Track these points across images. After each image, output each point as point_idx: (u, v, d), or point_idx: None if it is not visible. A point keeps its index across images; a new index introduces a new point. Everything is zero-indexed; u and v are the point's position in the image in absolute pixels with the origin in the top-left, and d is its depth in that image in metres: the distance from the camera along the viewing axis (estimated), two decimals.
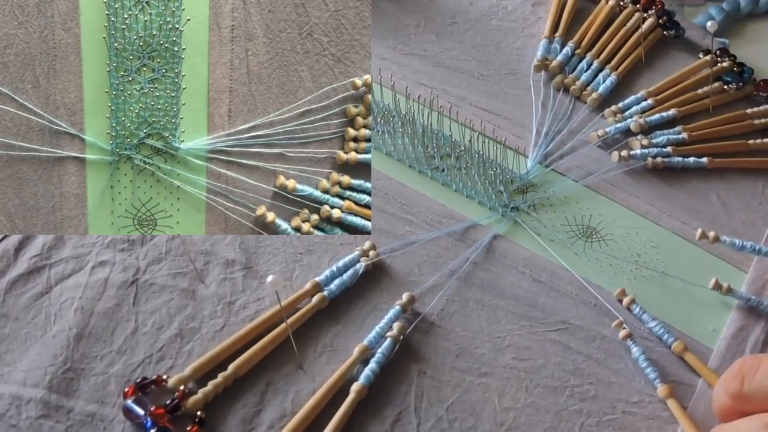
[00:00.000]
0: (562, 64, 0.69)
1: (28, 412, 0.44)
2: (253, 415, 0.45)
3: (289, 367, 0.47)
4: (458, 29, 0.72)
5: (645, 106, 0.67)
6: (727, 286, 0.53)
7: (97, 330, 0.48)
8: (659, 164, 0.62)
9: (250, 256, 0.53)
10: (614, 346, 0.51)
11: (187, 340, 0.48)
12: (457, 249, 0.55)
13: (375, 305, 0.51)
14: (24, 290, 0.50)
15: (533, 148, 0.63)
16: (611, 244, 0.57)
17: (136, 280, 0.51)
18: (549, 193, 0.60)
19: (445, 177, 0.60)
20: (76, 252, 0.52)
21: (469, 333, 0.51)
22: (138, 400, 0.44)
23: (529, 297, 0.53)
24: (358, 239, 0.55)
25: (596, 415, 0.48)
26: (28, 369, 0.46)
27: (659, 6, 0.75)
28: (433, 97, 0.62)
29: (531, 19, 0.74)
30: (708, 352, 0.52)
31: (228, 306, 0.50)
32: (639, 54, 0.71)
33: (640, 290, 0.54)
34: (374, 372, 0.47)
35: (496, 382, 0.48)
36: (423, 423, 0.46)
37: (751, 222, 0.60)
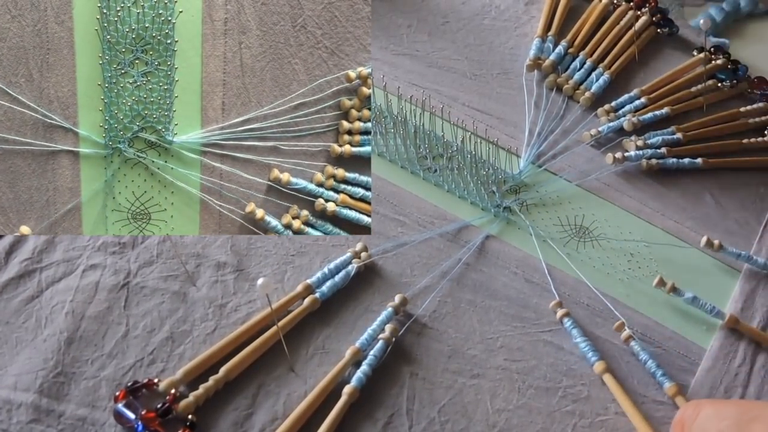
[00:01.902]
0: (554, 63, 0.69)
1: (18, 417, 0.44)
2: (245, 418, 0.45)
3: (280, 369, 0.47)
4: (450, 29, 0.72)
5: (638, 104, 0.67)
6: (671, 284, 0.53)
7: (88, 333, 0.48)
8: (654, 166, 0.62)
9: (241, 258, 0.53)
10: (607, 347, 0.51)
11: (179, 344, 0.48)
12: (449, 250, 0.55)
13: (367, 307, 0.51)
14: (15, 294, 0.50)
15: (526, 148, 0.62)
16: (604, 244, 0.57)
17: (127, 283, 0.51)
18: (542, 193, 0.60)
19: (437, 177, 0.60)
20: (67, 255, 0.52)
21: (462, 334, 0.50)
22: (129, 404, 0.44)
23: (522, 298, 0.53)
24: (350, 240, 0.55)
25: (589, 416, 0.48)
26: (18, 373, 0.46)
27: (653, 4, 0.75)
28: (426, 98, 0.62)
29: (524, 19, 0.74)
30: (701, 352, 0.52)
31: (219, 309, 0.50)
32: (632, 52, 0.71)
33: (633, 290, 0.54)
34: (366, 374, 0.46)
35: (488, 383, 0.48)
36: (415, 425, 0.46)
37: (745, 221, 0.60)
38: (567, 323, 0.51)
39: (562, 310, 0.51)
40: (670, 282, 0.53)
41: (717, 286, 0.56)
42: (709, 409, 0.43)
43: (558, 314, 0.51)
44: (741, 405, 0.44)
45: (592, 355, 0.49)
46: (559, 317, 0.51)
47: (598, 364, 0.49)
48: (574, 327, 0.51)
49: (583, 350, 0.50)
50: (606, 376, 0.49)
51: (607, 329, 0.52)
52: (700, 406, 0.44)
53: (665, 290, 0.53)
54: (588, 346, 0.50)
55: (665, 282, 0.53)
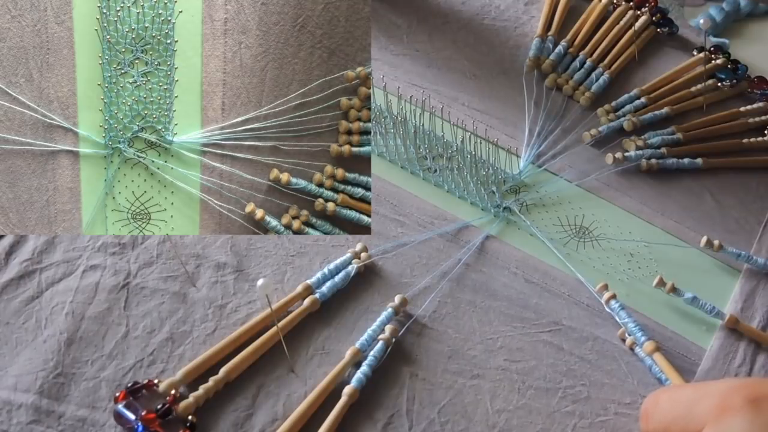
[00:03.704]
0: (554, 63, 0.69)
1: (18, 418, 0.44)
2: (245, 419, 0.45)
3: (280, 370, 0.47)
4: (450, 29, 0.72)
5: (638, 104, 0.67)
6: (671, 285, 0.53)
7: (88, 334, 0.48)
8: (654, 166, 0.62)
9: (241, 258, 0.53)
10: (607, 347, 0.51)
11: (179, 344, 0.48)
12: (449, 250, 0.55)
13: (367, 307, 0.51)
14: (15, 294, 0.49)
15: (526, 148, 0.62)
16: (604, 244, 0.57)
17: (127, 283, 0.51)
18: (541, 193, 0.60)
19: (437, 178, 0.60)
20: (67, 256, 0.52)
21: (461, 335, 0.50)
22: (129, 404, 0.44)
23: (522, 298, 0.53)
24: (350, 241, 0.55)
25: (589, 417, 0.48)
26: (18, 374, 0.46)
27: (652, 4, 0.75)
28: (425, 98, 0.62)
29: (523, 18, 0.74)
30: (701, 352, 0.52)
31: (219, 309, 0.50)
32: (632, 52, 0.71)
33: (633, 290, 0.54)
34: (366, 375, 0.46)
35: (488, 384, 0.48)
36: (415, 426, 0.46)
37: (745, 220, 0.60)
38: (614, 305, 0.52)
39: (609, 293, 0.52)
40: (669, 282, 0.53)
41: (717, 286, 0.56)
42: (665, 395, 0.44)
43: (605, 297, 0.52)
44: (694, 387, 0.45)
45: (641, 335, 0.50)
46: (605, 300, 0.52)
47: (648, 344, 0.49)
48: (622, 309, 0.51)
49: (632, 330, 0.50)
50: (656, 355, 0.49)
51: (607, 329, 0.52)
52: (659, 395, 0.45)
53: (665, 290, 0.53)
54: (637, 326, 0.50)
55: (665, 282, 0.53)
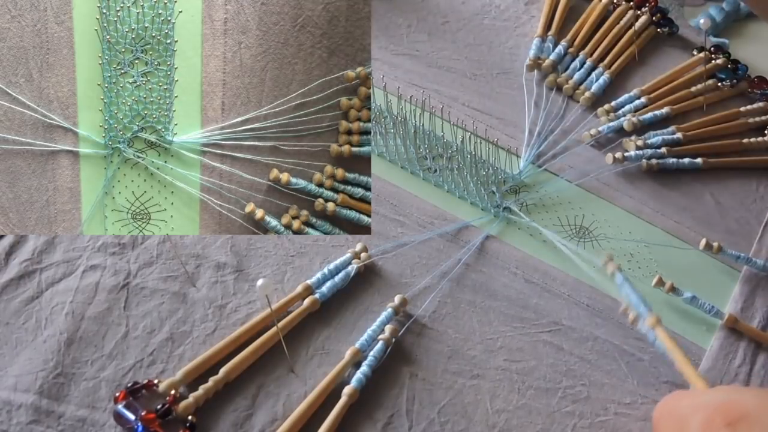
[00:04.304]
0: (554, 63, 0.69)
1: (18, 418, 0.44)
2: (245, 419, 0.45)
3: (280, 370, 0.47)
4: (450, 29, 0.72)
5: (638, 104, 0.67)
6: (670, 284, 0.53)
7: (88, 334, 0.48)
8: (654, 166, 0.62)
9: (241, 258, 0.53)
10: (607, 347, 0.51)
11: (178, 344, 0.48)
12: (449, 250, 0.55)
13: (367, 307, 0.51)
14: (15, 295, 0.50)
15: (526, 148, 0.62)
16: (604, 244, 0.57)
17: (127, 283, 0.51)
18: (541, 194, 0.60)
19: (437, 178, 0.60)
20: (66, 256, 0.52)
21: (461, 335, 0.50)
22: (129, 404, 0.44)
23: (522, 298, 0.53)
24: (350, 241, 0.55)
25: (589, 417, 0.48)
26: (18, 374, 0.46)
27: (653, 3, 0.75)
28: (425, 98, 0.62)
29: (524, 18, 0.74)
30: (701, 352, 0.52)
31: (219, 309, 0.50)
32: (632, 52, 0.71)
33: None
34: (366, 375, 0.46)
35: (488, 384, 0.48)
36: (415, 426, 0.46)
37: (745, 220, 0.60)
38: (619, 278, 0.51)
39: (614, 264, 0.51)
40: (669, 282, 0.53)
41: (717, 286, 0.56)
42: (667, 408, 0.45)
43: (609, 269, 0.51)
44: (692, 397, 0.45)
45: (644, 308, 0.49)
46: (610, 272, 0.51)
47: (651, 317, 0.48)
48: (625, 281, 0.50)
49: (635, 303, 0.49)
50: (658, 329, 0.48)
51: (607, 329, 0.52)
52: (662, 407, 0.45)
53: (664, 290, 0.53)
54: (639, 299, 0.49)
55: (664, 281, 0.53)
